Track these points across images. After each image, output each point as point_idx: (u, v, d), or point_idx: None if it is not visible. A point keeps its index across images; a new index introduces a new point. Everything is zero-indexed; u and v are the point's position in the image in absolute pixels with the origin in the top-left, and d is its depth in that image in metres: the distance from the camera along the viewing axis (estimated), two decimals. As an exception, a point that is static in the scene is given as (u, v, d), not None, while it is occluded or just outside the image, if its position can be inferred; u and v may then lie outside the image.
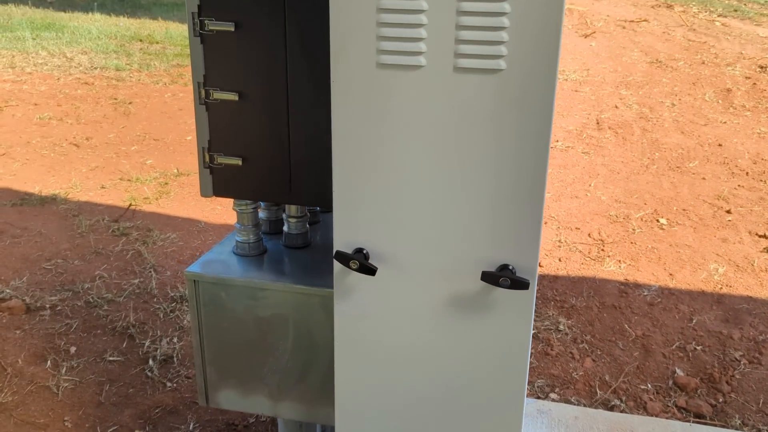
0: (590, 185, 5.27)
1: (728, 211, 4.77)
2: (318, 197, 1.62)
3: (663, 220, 4.66)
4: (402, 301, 1.48)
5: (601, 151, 6.02)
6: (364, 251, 1.47)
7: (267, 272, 1.69)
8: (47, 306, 3.36)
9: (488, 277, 1.38)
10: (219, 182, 1.66)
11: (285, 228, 1.82)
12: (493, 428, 1.52)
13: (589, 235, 4.47)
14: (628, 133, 6.46)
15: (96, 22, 10.12)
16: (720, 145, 6.11)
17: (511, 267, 1.39)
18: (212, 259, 1.75)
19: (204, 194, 1.68)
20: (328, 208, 1.60)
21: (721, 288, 3.79)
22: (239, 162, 1.62)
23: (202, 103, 1.60)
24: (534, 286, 1.39)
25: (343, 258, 1.45)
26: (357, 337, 1.54)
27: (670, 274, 3.95)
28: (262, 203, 1.89)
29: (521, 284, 1.36)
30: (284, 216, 1.82)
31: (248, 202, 1.73)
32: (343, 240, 1.47)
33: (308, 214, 1.84)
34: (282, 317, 1.67)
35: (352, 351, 1.55)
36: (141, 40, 9.30)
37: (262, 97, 1.56)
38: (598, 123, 6.78)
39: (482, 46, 1.24)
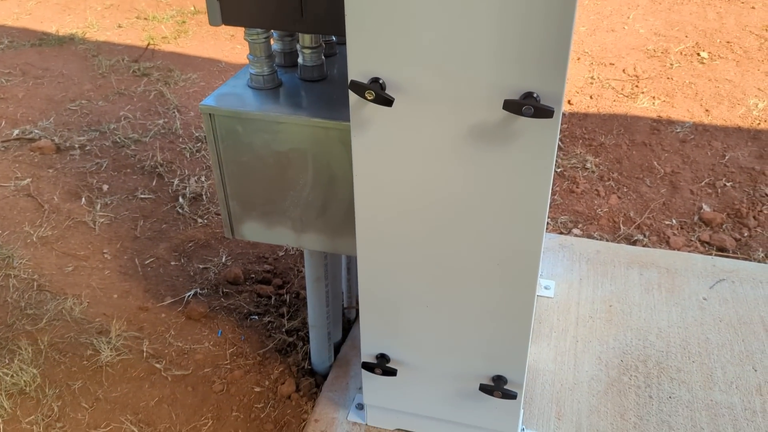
0: (629, 17, 4.95)
1: (777, 43, 4.48)
2: (332, 23, 1.53)
3: (704, 54, 4.41)
4: (420, 132, 1.44)
5: (645, -21, 5.58)
6: (381, 81, 1.40)
7: (283, 105, 1.65)
8: (76, 146, 3.41)
9: (511, 106, 1.32)
10: (227, 8, 1.57)
11: (300, 60, 1.75)
12: (511, 259, 1.54)
13: (623, 70, 4.27)
14: (676, -42, 5.94)
15: None
16: (777, -31, 5.60)
17: (535, 95, 1.32)
18: (227, 93, 1.71)
19: (212, 22, 1.59)
20: (343, 35, 1.51)
21: (759, 123, 3.65)
22: (248, -14, 1.52)
23: None
24: (559, 115, 1.33)
25: (359, 88, 1.40)
26: (375, 169, 1.52)
27: (706, 110, 3.80)
28: (275, 34, 1.80)
29: (545, 112, 1.30)
30: (298, 47, 1.74)
31: (259, 31, 1.65)
32: (358, 69, 1.41)
33: (323, 45, 1.76)
34: (300, 151, 1.66)
35: (371, 183, 1.55)
36: None
37: None
38: (643, -53, 6.22)
39: None
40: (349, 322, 2.38)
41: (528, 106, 1.30)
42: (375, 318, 1.74)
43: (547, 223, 3.10)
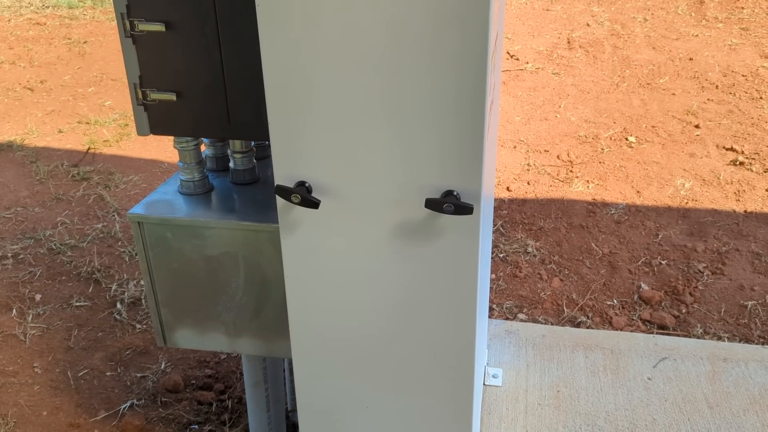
0: (560, 107, 5.22)
1: (697, 126, 4.77)
2: (258, 130, 1.56)
3: (632, 138, 4.65)
4: (348, 232, 1.45)
5: (572, 71, 5.93)
6: (307, 184, 1.43)
7: (212, 210, 1.65)
8: (9, 255, 3.30)
9: (432, 204, 1.35)
10: (155, 119, 1.59)
11: (231, 164, 1.77)
12: (445, 351, 1.53)
13: (558, 156, 4.45)
14: (599, 52, 6.36)
15: (45, -44, 9.58)
16: (691, 59, 6.04)
17: (455, 193, 1.36)
18: (156, 200, 1.70)
19: (140, 132, 1.61)
20: (268, 140, 1.54)
21: (687, 203, 3.82)
22: (173, 97, 1.55)
23: (128, 36, 1.51)
24: (479, 211, 1.36)
25: (285, 192, 1.41)
26: (306, 271, 1.52)
27: (638, 192, 3.97)
28: (205, 140, 1.83)
29: (465, 209, 1.33)
30: (229, 152, 1.77)
31: (188, 139, 1.67)
32: (283, 174, 1.43)
33: (254, 149, 1.79)
34: (231, 255, 1.64)
35: (303, 284, 1.54)
36: (94, -25, 8.84)
37: (190, 26, 1.48)
38: (569, 42, 6.65)
39: (410, -41, 1.17)
40: (294, 427, 2.29)
41: (448, 204, 1.33)
42: (315, 421, 1.68)
43: (493, 308, 3.11)
